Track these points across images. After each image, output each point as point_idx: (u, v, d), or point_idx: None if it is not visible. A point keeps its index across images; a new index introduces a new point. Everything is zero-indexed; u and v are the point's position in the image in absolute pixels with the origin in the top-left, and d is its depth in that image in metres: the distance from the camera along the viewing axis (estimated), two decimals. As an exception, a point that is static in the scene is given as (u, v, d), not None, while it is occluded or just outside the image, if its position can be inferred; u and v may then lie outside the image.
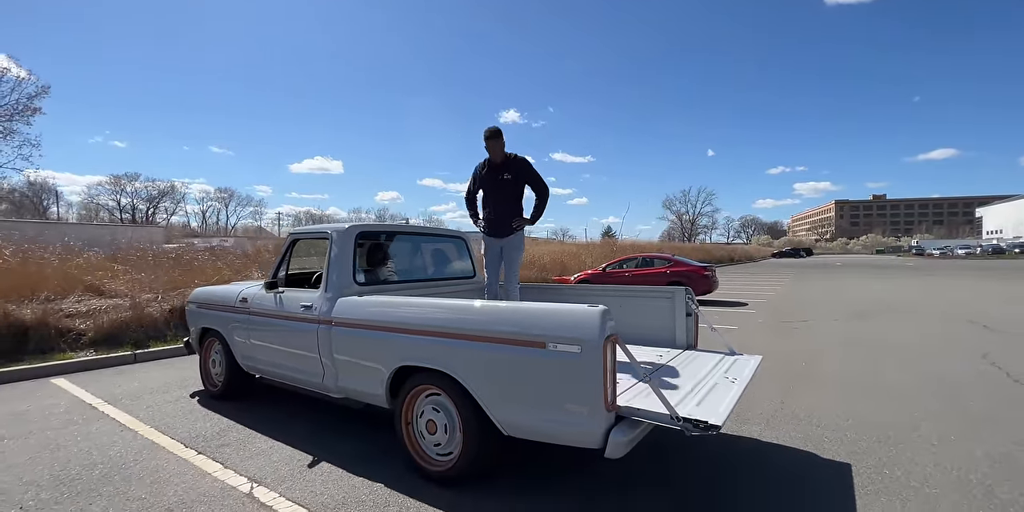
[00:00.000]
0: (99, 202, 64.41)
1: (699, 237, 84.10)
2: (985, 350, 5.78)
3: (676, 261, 12.43)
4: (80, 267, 7.20)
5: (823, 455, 2.93)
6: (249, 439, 3.30)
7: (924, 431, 3.28)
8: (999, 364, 5.09)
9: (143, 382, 4.82)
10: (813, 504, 2.38)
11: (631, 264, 12.97)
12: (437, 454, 2.68)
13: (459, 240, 4.46)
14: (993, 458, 2.84)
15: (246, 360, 3.89)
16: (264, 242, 18.86)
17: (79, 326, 5.84)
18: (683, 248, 35.55)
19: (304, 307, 3.34)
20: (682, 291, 3.48)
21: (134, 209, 65.79)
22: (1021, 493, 2.43)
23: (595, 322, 2.09)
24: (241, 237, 41.98)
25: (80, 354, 5.55)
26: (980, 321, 8.07)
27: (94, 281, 6.82)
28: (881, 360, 5.36)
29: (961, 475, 2.64)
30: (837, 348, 6.08)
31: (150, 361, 5.73)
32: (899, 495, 2.43)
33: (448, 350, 2.51)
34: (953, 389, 4.22)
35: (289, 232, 3.87)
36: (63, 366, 5.18)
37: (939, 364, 5.13)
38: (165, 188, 68.28)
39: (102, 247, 9.84)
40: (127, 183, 64.83)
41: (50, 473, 2.82)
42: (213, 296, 4.32)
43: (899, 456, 2.90)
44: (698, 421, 1.98)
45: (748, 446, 3.11)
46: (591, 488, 2.57)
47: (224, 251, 10.14)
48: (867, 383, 4.46)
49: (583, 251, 20.13)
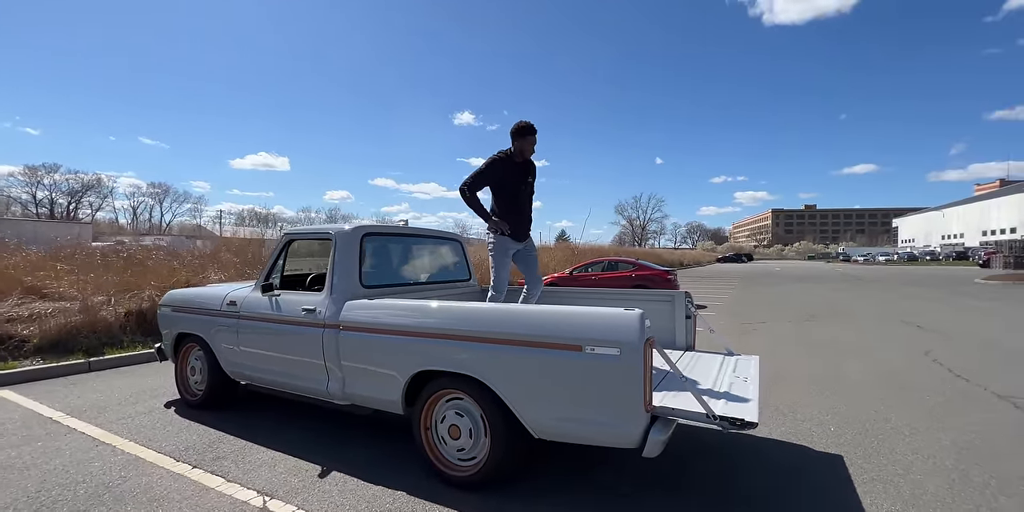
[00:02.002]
0: (10, 195, 58.19)
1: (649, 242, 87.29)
2: (925, 348, 6.38)
3: (640, 265, 12.86)
4: (17, 267, 6.50)
5: (815, 448, 3.15)
6: (246, 450, 3.13)
7: (895, 423, 3.60)
8: (940, 360, 5.64)
9: (105, 392, 4.43)
10: (820, 494, 2.56)
11: (596, 268, 13.29)
12: (459, 459, 2.66)
13: (456, 242, 4.44)
14: (959, 445, 3.16)
15: (234, 367, 3.68)
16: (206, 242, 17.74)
17: (22, 332, 5.29)
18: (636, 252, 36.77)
19: (306, 311, 3.21)
20: (682, 295, 3.64)
21: (52, 203, 59.98)
22: (991, 476, 2.72)
23: (635, 325, 2.16)
24: (178, 236, 39.31)
25: (25, 363, 5.02)
26: (913, 322, 8.90)
27: (35, 282, 6.18)
28: (839, 358, 5.80)
29: (937, 462, 2.92)
30: (798, 347, 6.51)
31: (107, 369, 5.28)
32: (891, 482, 2.66)
33: (477, 354, 2.50)
34: (907, 384, 4.64)
35: (285, 232, 3.71)
36: (7, 376, 4.67)
37: (889, 361, 5.62)
38: (90, 181, 62.76)
39: (27, 244, 8.92)
40: (45, 174, 58.95)
41: (26, 496, 2.55)
42: (193, 299, 4.06)
43: (880, 446, 3.16)
44: (734, 418, 2.09)
45: (745, 441, 3.28)
46: (608, 487, 2.63)
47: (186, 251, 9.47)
48: (833, 380, 4.82)
49: (545, 255, 20.37)
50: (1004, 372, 5.07)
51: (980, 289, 16.54)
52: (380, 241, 3.61)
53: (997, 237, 54.72)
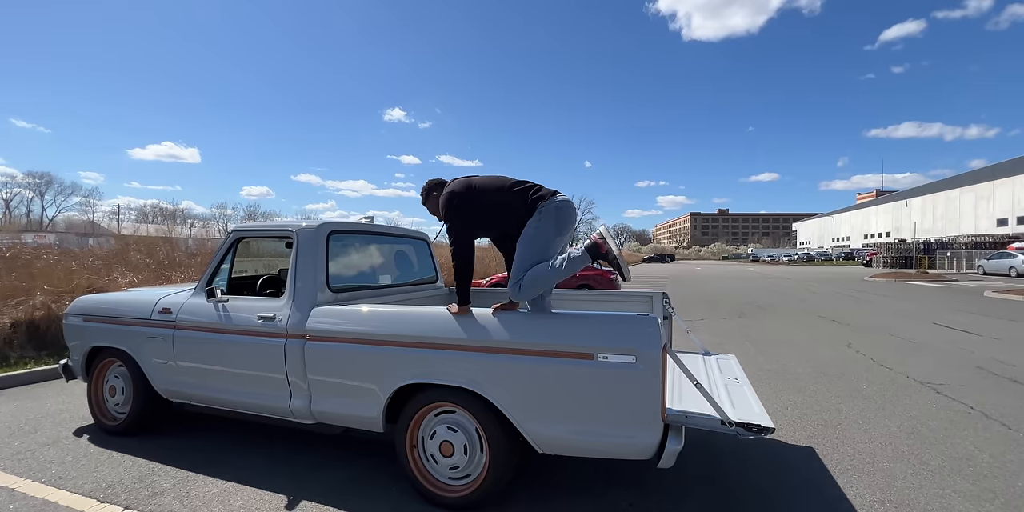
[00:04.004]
0: None
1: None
2: (846, 341, 7.01)
3: (583, 265, 13.08)
4: None
5: (787, 441, 3.28)
6: (189, 482, 2.68)
7: (847, 412, 3.85)
8: (862, 352, 6.21)
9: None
10: (810, 487, 2.63)
11: (541, 268, 13.33)
12: (451, 478, 2.44)
13: (422, 241, 4.16)
14: (906, 431, 3.43)
15: (169, 385, 3.16)
16: (102, 240, 15.65)
17: None
18: (572, 252, 37.60)
19: (263, 319, 2.82)
20: (659, 295, 3.65)
21: None
22: (944, 459, 2.96)
23: (652, 331, 2.08)
24: (66, 233, 34.58)
25: None
26: (828, 316, 9.79)
27: None
28: (778, 353, 6.19)
29: (895, 448, 3.14)
30: (739, 342, 6.88)
31: (-12, 392, 4.39)
32: (864, 472, 2.81)
33: (475, 364, 2.30)
34: (842, 374, 5.03)
35: (232, 229, 3.25)
36: None
37: (820, 354, 6.08)
38: (-53, 168, 53.45)
39: None
40: None
41: None
42: (112, 306, 3.45)
43: (843, 436, 3.35)
44: (751, 424, 2.06)
45: (721, 440, 3.34)
46: (606, 494, 2.54)
47: (82, 251, 8.19)
48: (779, 373, 5.11)
49: (487, 255, 20.20)
50: (914, 360, 5.67)
51: (871, 286, 18.69)
52: (346, 239, 3.27)
53: (876, 240, 62.53)
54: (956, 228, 48.74)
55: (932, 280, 21.19)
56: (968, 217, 47.71)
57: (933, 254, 36.65)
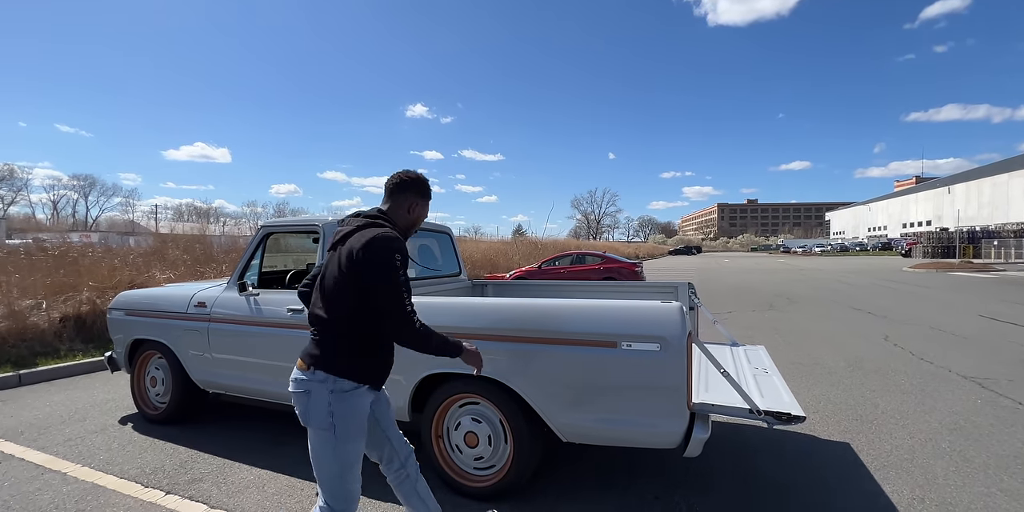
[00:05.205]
0: (-97, 187, 51.58)
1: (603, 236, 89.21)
2: (883, 333, 6.75)
3: (607, 258, 12.98)
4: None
5: (821, 436, 3.19)
6: (227, 469, 2.79)
7: (884, 407, 3.72)
8: (900, 344, 5.97)
9: (44, 410, 3.89)
10: (844, 482, 2.56)
11: (565, 261, 13.30)
12: (476, 469, 2.46)
13: (445, 235, 4.19)
14: (948, 427, 3.29)
15: (205, 376, 3.29)
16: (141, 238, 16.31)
17: (-68, 343, 4.56)
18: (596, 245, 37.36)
19: (293, 311, 2.90)
20: (685, 286, 3.58)
21: (-44, 197, 53.78)
22: (989, 456, 2.83)
23: (676, 318, 2.04)
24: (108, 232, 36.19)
25: (-62, 379, 4.33)
26: (863, 308, 9.45)
27: (-54, 285, 5.37)
28: (810, 346, 6.01)
29: (935, 445, 3.02)
30: (768, 335, 6.71)
31: (41, 383, 4.65)
32: (902, 468, 2.71)
33: (497, 354, 2.30)
34: (877, 369, 4.85)
35: (262, 225, 3.34)
36: (-84, 395, 4.00)
37: (855, 347, 5.88)
38: (0, 171, 56.60)
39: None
40: (-55, 164, 52.77)
41: (-40, 540, 2.13)
42: (151, 300, 3.60)
43: (879, 432, 3.24)
44: (780, 413, 2.01)
45: (754, 432, 3.28)
46: (625, 487, 2.53)
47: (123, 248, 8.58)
48: (811, 366, 4.97)
49: (510, 249, 20.28)
50: (957, 354, 5.42)
51: (910, 276, 17.93)
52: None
53: (916, 229, 59.87)
54: (1004, 215, 46.16)
55: (977, 270, 20.20)
56: (1017, 203, 45.10)
57: (978, 243, 34.84)
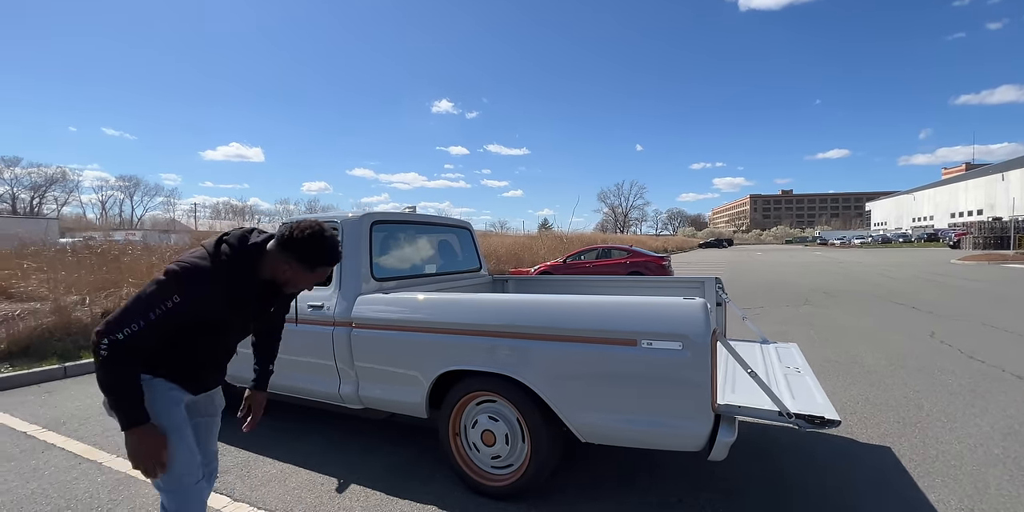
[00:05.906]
0: (-33, 190, 55.30)
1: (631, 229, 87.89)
2: (928, 330, 6.38)
3: (634, 251, 12.74)
4: (-22, 266, 6.00)
5: (860, 440, 3.02)
6: (251, 463, 2.85)
7: (929, 409, 3.49)
8: (948, 342, 5.62)
9: (85, 401, 4.07)
10: (882, 489, 2.41)
11: (590, 255, 13.13)
12: (493, 467, 2.43)
13: (465, 230, 4.16)
14: (1002, 431, 3.06)
15: (230, 370, 3.36)
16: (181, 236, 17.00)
17: (-14, 336, 4.85)
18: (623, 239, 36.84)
19: (312, 307, 2.92)
20: (712, 281, 3.44)
21: (14, 198, 57.22)
22: (1049, 464, 2.61)
23: (699, 316, 1.94)
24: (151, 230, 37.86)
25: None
26: (907, 303, 8.97)
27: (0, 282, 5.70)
28: (847, 342, 5.73)
29: (987, 450, 2.81)
30: (802, 331, 6.44)
31: (85, 375, 4.88)
32: (949, 475, 2.53)
33: (514, 351, 2.25)
34: (922, 367, 4.58)
35: (283, 223, 3.37)
36: (-29, 386, 4.26)
37: (897, 344, 5.57)
38: (54, 174, 59.87)
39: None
40: (5, 168, 56.18)
41: (2, 526, 2.24)
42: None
43: (924, 435, 3.04)
44: (813, 416, 1.90)
45: (784, 432, 3.13)
46: (653, 488, 2.44)
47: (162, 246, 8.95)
48: (848, 365, 4.73)
49: (536, 243, 20.19)
50: (1011, 351, 5.06)
51: (959, 269, 16.96)
52: (389, 229, 3.31)
53: (965, 219, 56.59)
54: (1065, 203, 43.09)
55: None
56: (1080, 190, 42.04)
57: (1035, 233, 32.65)
